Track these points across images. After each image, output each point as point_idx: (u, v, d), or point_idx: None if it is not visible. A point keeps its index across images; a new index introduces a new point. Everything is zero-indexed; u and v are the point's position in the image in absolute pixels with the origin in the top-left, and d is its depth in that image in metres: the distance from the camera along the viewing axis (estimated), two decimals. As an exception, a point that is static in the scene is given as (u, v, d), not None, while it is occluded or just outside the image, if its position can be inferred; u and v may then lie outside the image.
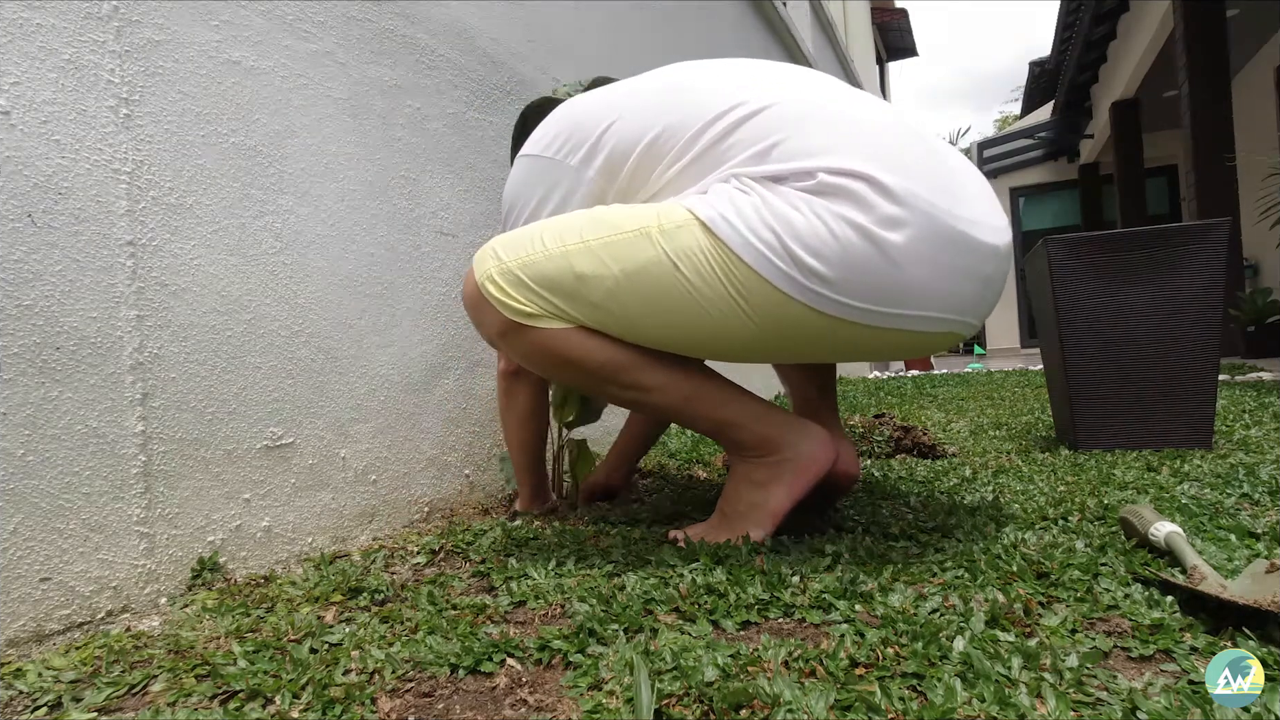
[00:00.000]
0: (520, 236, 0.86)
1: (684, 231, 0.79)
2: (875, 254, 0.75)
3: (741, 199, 0.78)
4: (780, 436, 0.89)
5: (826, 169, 0.76)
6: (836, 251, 0.75)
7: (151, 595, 0.80)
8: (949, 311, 0.82)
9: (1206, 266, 1.39)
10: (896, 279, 0.76)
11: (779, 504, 0.88)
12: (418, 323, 1.22)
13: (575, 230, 0.83)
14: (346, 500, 1.06)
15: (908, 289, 0.78)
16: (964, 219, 0.80)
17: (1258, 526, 0.83)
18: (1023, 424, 1.96)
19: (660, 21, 2.33)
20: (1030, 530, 0.87)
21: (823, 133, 0.79)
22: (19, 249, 0.71)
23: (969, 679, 0.50)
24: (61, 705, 0.57)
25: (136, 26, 0.82)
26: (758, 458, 0.89)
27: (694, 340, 0.83)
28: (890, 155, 0.78)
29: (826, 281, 0.76)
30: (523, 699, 0.54)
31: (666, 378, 0.87)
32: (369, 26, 1.16)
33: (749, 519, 0.88)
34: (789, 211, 0.76)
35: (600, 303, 0.81)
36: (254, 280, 0.94)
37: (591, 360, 0.85)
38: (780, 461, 0.88)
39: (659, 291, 0.80)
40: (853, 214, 0.75)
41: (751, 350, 0.85)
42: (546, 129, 0.96)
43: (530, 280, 0.83)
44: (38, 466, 0.71)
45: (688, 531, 0.92)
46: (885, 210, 0.75)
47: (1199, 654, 0.54)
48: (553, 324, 0.83)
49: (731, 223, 0.77)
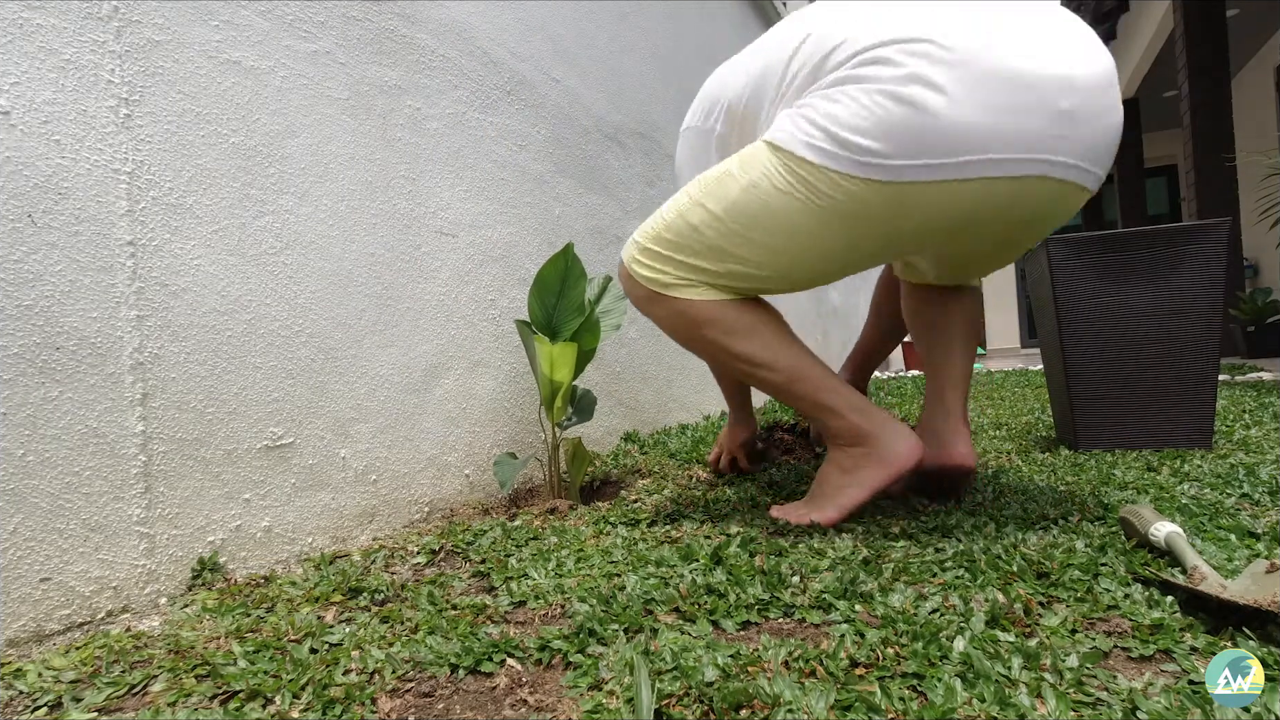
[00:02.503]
0: (648, 220, 1.01)
1: (756, 158, 0.90)
2: (910, 111, 0.79)
3: (798, 114, 0.87)
4: (872, 432, 0.96)
5: (856, 56, 0.83)
6: (875, 122, 0.81)
7: (151, 595, 0.80)
8: (1022, 151, 0.80)
9: (1206, 266, 1.39)
10: (938, 127, 0.79)
11: (852, 498, 0.95)
12: (418, 323, 1.22)
13: (683, 194, 0.97)
14: (346, 500, 1.06)
15: (955, 135, 0.79)
16: (1016, 54, 0.79)
17: (1258, 526, 0.83)
18: (1023, 424, 1.96)
19: (660, 21, 2.33)
20: (1030, 530, 0.87)
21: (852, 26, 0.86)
22: (19, 249, 0.71)
23: (969, 679, 0.50)
24: (61, 705, 0.57)
25: (136, 26, 0.82)
26: (848, 446, 0.97)
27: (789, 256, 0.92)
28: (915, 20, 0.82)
29: (875, 152, 0.81)
30: (523, 699, 0.54)
31: (775, 355, 0.97)
32: (369, 26, 1.16)
33: (828, 503, 0.96)
34: (831, 106, 0.84)
35: (713, 244, 0.93)
36: (254, 280, 0.94)
37: (715, 326, 0.97)
38: (867, 454, 0.95)
39: (749, 215, 0.90)
40: (880, 84, 0.81)
41: (838, 248, 0.91)
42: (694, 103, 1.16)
43: (658, 247, 0.97)
44: (38, 466, 0.71)
45: (784, 507, 1.02)
46: (910, 68, 0.79)
47: (1199, 654, 0.54)
48: (685, 292, 0.97)
49: (790, 132, 0.87)
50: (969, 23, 0.81)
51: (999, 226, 0.89)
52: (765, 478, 1.33)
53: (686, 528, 0.99)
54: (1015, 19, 0.83)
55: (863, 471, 0.95)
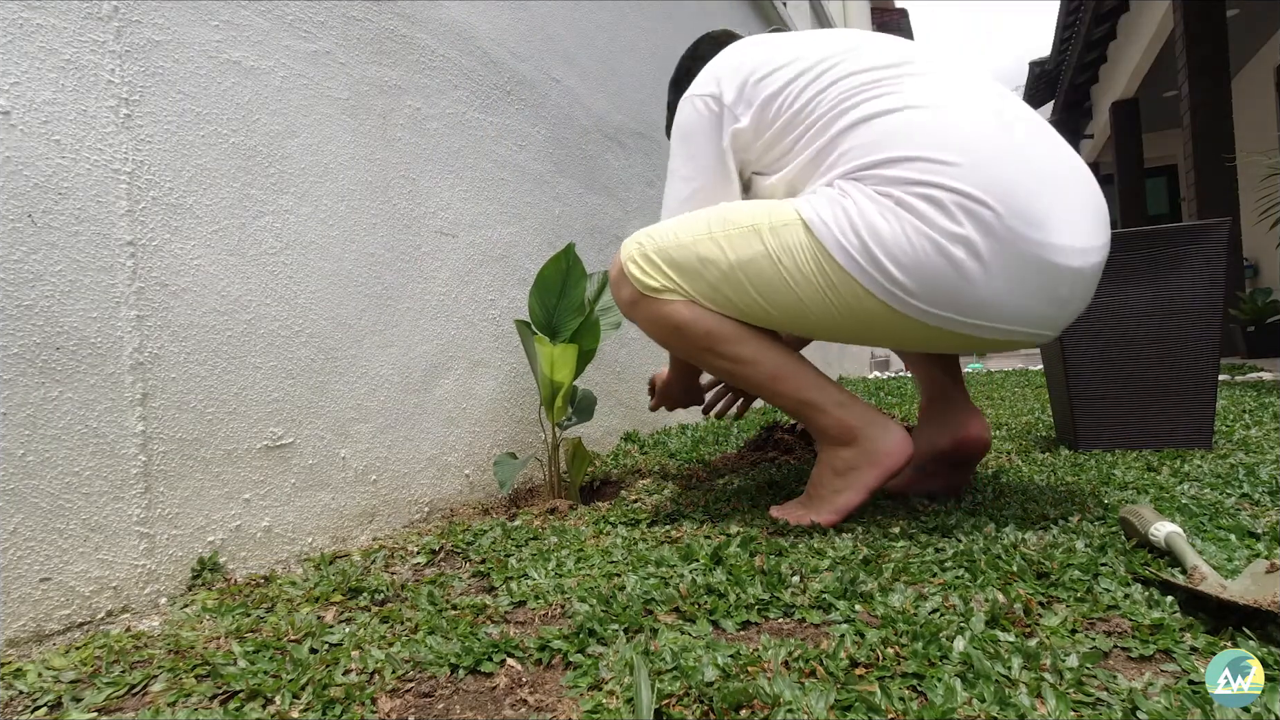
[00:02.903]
0: (662, 227, 1.01)
1: (789, 229, 0.90)
2: (950, 270, 0.83)
3: (839, 204, 0.87)
4: (860, 427, 0.96)
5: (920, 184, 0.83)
6: (915, 261, 0.83)
7: (151, 595, 0.80)
8: (1020, 324, 0.88)
9: (1206, 266, 1.39)
10: (970, 292, 0.84)
11: (849, 500, 0.95)
12: (418, 323, 1.22)
13: (704, 224, 0.97)
14: (346, 500, 1.06)
15: (981, 302, 0.85)
16: (1050, 245, 0.84)
17: (1258, 526, 0.83)
18: (1023, 424, 1.96)
19: (660, 21, 2.33)
20: (1030, 530, 0.87)
21: (925, 147, 0.85)
22: (19, 249, 0.71)
23: (969, 679, 0.50)
24: (61, 705, 0.57)
25: (136, 26, 0.82)
26: (838, 445, 0.97)
27: (788, 319, 0.94)
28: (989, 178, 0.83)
29: (904, 287, 0.85)
30: (523, 699, 0.54)
31: (760, 354, 0.98)
32: (369, 26, 1.16)
33: (825, 504, 0.97)
34: (878, 220, 0.84)
35: (715, 283, 0.95)
36: (254, 280, 0.94)
37: (697, 329, 0.98)
38: (858, 453, 0.95)
39: (762, 278, 0.92)
40: (930, 229, 0.82)
41: (839, 331, 0.95)
42: (719, 74, 1.03)
43: (662, 262, 0.98)
44: (38, 466, 0.71)
45: (783, 507, 1.02)
46: (963, 230, 0.82)
47: (1199, 654, 0.54)
48: (671, 298, 0.98)
49: (828, 224, 0.87)
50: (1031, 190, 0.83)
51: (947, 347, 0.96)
52: (765, 477, 1.33)
53: (686, 528, 0.99)
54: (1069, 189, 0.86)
55: (855, 474, 0.95)
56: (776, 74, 0.97)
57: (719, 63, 1.04)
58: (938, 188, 0.83)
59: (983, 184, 0.83)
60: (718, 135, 1.01)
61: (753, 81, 0.98)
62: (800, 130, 0.94)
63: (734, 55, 1.03)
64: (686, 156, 1.05)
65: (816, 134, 0.92)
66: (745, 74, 1.00)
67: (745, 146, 1.01)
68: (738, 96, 0.99)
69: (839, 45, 0.97)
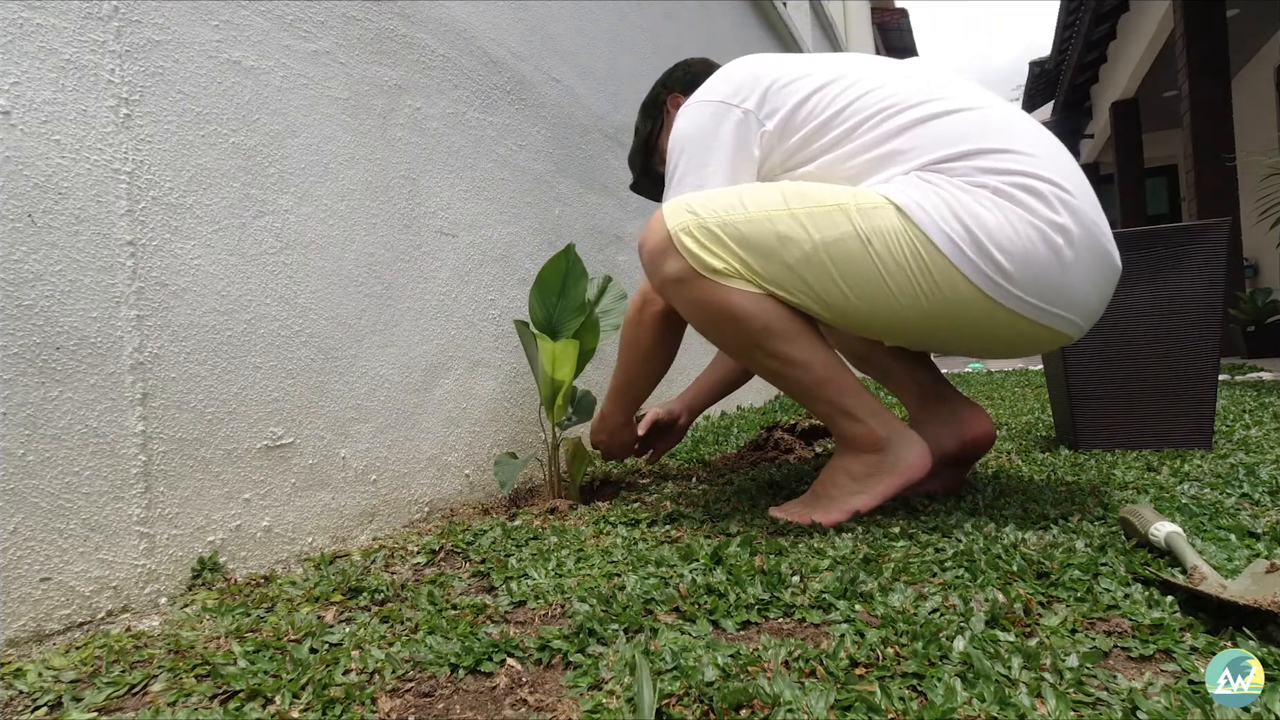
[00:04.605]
0: (718, 197, 0.92)
1: (880, 213, 0.87)
2: (1051, 257, 0.85)
3: (931, 192, 0.86)
4: (889, 439, 0.95)
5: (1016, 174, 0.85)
6: (1020, 249, 0.84)
7: (151, 595, 0.80)
8: (1080, 315, 0.91)
9: (1206, 266, 1.39)
10: (1062, 281, 0.86)
11: (863, 502, 0.95)
12: (418, 323, 1.22)
13: (777, 196, 0.90)
14: (346, 500, 1.06)
15: (1067, 291, 0.87)
16: (1109, 237, 0.90)
17: (1258, 526, 0.83)
18: (1023, 424, 1.96)
19: (660, 21, 2.33)
20: (1030, 530, 0.87)
21: (1005, 140, 0.87)
22: (19, 249, 0.71)
23: (969, 679, 0.50)
24: (61, 705, 0.57)
25: (136, 26, 0.82)
26: (863, 452, 0.96)
27: (866, 309, 0.90)
28: (1062, 169, 0.87)
29: (1006, 273, 0.85)
30: (523, 699, 0.54)
31: (812, 357, 0.94)
32: (369, 26, 1.16)
33: (834, 505, 0.96)
34: (979, 209, 0.85)
35: (794, 265, 0.88)
36: (254, 280, 0.94)
37: (753, 323, 0.91)
38: (881, 461, 0.95)
39: (848, 262, 0.87)
40: (1035, 218, 0.84)
41: (910, 325, 0.92)
42: (732, 81, 1.02)
43: (729, 238, 0.89)
44: (38, 466, 0.71)
45: (783, 507, 1.01)
46: (1062, 219, 0.84)
47: (1199, 654, 0.54)
48: (734, 283, 0.90)
49: (928, 210, 0.85)
50: (1090, 189, 0.89)
51: (1001, 346, 0.96)
52: (765, 477, 1.33)
53: (686, 528, 0.99)
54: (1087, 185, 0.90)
55: (873, 479, 0.95)
56: (798, 83, 0.97)
57: (733, 76, 1.02)
58: (1034, 178, 0.85)
59: (1062, 176, 0.86)
60: (740, 138, 0.99)
61: (775, 89, 0.98)
62: (844, 129, 0.93)
63: (746, 68, 1.03)
64: (700, 159, 1.00)
65: (865, 131, 0.92)
66: (766, 84, 0.99)
67: (768, 153, 1.00)
68: (760, 103, 0.98)
69: (849, 63, 0.98)
